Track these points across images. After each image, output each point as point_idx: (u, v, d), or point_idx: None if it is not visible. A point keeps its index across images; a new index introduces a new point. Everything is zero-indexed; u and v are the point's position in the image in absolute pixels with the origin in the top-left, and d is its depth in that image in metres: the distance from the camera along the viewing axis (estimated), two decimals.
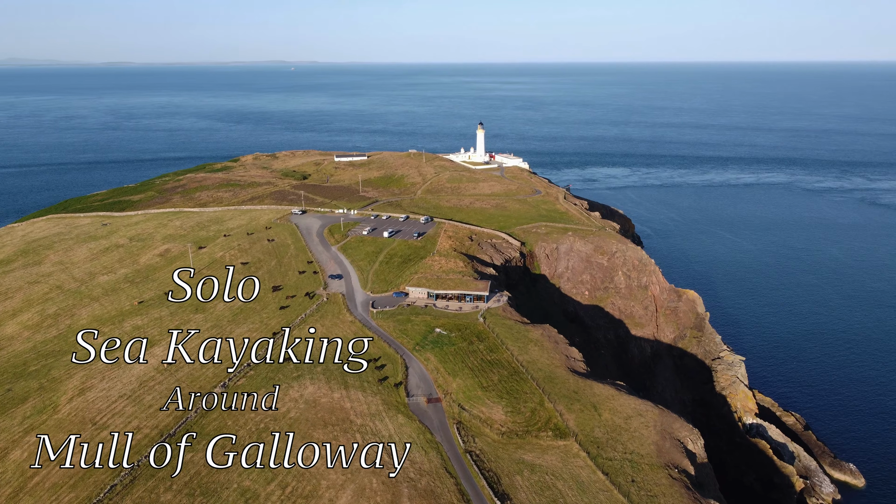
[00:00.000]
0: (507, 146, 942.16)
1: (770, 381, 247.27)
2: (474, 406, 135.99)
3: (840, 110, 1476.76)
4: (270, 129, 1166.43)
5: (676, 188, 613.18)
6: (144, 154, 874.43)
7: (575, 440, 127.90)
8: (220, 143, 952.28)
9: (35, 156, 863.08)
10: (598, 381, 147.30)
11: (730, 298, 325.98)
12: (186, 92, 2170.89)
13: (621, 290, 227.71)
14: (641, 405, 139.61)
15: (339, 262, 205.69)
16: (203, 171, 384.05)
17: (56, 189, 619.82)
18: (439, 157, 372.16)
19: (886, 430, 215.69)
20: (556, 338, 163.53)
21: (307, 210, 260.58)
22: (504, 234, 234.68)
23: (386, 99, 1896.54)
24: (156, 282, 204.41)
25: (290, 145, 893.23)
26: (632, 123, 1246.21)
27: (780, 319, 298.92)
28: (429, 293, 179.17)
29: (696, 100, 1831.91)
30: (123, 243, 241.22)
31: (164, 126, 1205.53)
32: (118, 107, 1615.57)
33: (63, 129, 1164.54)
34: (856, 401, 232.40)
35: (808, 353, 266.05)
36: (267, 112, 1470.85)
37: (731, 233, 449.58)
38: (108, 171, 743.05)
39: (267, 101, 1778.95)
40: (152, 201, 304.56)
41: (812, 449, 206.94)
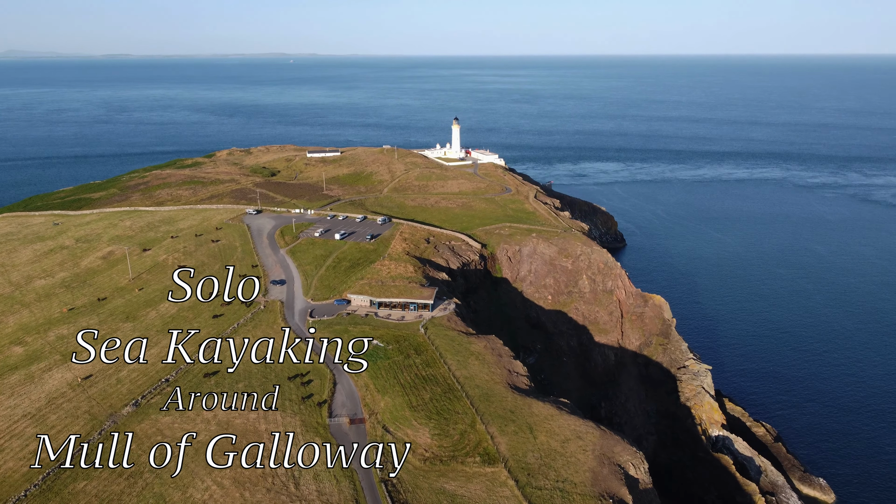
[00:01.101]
0: (501, 140, 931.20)
1: (743, 389, 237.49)
2: (399, 428, 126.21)
3: (840, 104, 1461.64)
4: (263, 122, 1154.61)
5: (666, 184, 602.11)
6: (133, 148, 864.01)
7: (504, 466, 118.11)
8: (210, 137, 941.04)
9: (22, 150, 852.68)
10: (540, 399, 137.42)
11: (709, 300, 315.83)
12: (182, 85, 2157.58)
13: (585, 295, 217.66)
14: (582, 426, 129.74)
15: (286, 266, 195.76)
16: (172, 167, 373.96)
17: (39, 184, 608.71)
18: (412, 154, 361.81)
19: (860, 442, 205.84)
20: (501, 350, 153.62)
21: (263, 210, 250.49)
22: (464, 236, 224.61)
23: (382, 92, 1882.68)
24: (92, 287, 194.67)
25: (280, 139, 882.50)
26: (628, 117, 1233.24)
27: (759, 324, 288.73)
28: (371, 301, 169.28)
29: (694, 93, 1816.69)
30: (69, 245, 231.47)
31: (156, 119, 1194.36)
32: (112, 100, 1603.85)
33: (54, 122, 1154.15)
34: (831, 411, 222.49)
35: (786, 360, 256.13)
36: (260, 105, 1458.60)
37: (716, 230, 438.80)
38: (95, 165, 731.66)
39: (262, 95, 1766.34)
40: (111, 199, 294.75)
41: (781, 462, 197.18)
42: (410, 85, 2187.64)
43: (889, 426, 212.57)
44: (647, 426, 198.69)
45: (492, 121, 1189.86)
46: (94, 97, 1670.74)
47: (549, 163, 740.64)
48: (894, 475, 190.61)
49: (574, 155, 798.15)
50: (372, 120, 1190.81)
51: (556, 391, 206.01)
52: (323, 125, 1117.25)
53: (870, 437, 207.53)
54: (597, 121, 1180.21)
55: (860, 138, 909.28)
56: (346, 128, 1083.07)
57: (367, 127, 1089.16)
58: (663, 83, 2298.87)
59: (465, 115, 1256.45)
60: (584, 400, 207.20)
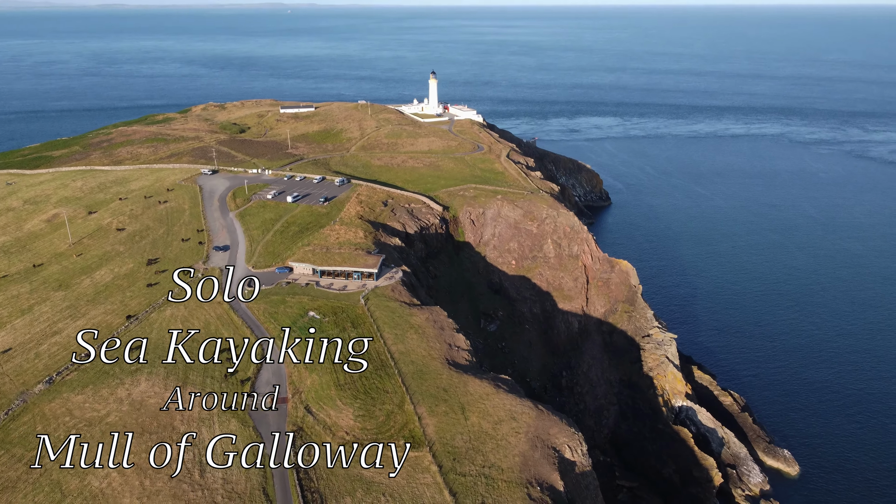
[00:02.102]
0: (498, 94, 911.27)
1: (714, 356, 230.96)
2: (322, 409, 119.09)
3: (848, 56, 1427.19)
4: (254, 75, 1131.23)
5: (660, 139, 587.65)
6: (121, 102, 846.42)
7: (430, 451, 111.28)
8: (199, 91, 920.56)
9: (6, 103, 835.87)
10: (477, 377, 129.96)
11: (690, 262, 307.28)
12: (175, 36, 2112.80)
13: (550, 260, 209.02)
14: (518, 406, 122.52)
15: (232, 230, 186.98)
16: (142, 122, 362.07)
17: (20, 139, 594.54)
18: (387, 109, 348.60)
19: (829, 413, 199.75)
20: (444, 322, 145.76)
21: (219, 170, 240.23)
22: (425, 198, 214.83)
23: (379, 43, 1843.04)
24: (31, 252, 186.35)
25: (270, 93, 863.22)
26: (628, 70, 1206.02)
27: (739, 287, 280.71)
28: (314, 269, 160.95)
29: (697, 45, 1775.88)
30: (16, 206, 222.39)
31: (146, 72, 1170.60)
32: (102, 51, 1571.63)
33: (42, 74, 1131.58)
34: (802, 380, 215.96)
35: (762, 326, 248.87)
36: (253, 58, 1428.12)
37: (704, 187, 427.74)
38: (79, 119, 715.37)
39: (256, 46, 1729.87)
40: (71, 158, 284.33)
41: (747, 433, 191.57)
42: (409, 36, 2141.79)
43: (858, 397, 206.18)
44: (609, 396, 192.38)
45: (488, 73, 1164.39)
46: (84, 49, 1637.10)
47: (544, 117, 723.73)
48: (860, 447, 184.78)
49: (570, 109, 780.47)
50: (366, 73, 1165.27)
51: (516, 360, 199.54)
52: (315, 78, 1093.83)
53: (838, 408, 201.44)
54: (596, 74, 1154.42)
55: (865, 92, 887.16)
56: (339, 81, 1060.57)
57: (360, 80, 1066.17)
58: (667, 35, 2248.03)
59: (462, 68, 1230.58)
60: (546, 369, 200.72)
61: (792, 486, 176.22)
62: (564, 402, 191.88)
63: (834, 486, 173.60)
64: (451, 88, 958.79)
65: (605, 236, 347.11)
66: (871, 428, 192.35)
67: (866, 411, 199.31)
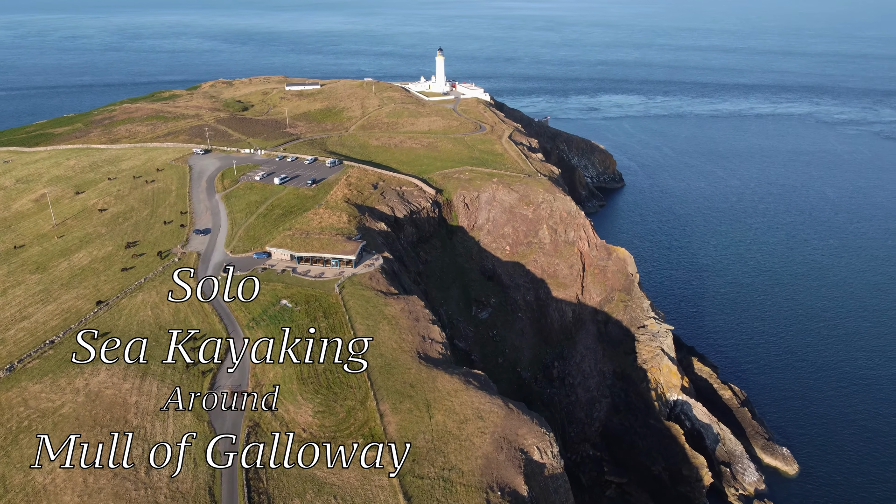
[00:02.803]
0: (520, 71, 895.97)
1: (718, 347, 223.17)
2: (282, 403, 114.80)
3: (884, 32, 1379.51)
4: (275, 50, 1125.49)
5: (680, 118, 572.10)
6: (141, 77, 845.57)
7: (389, 450, 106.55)
8: (219, 66, 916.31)
9: (30, 78, 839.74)
10: (448, 371, 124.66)
11: (700, 247, 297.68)
12: (199, 10, 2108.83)
13: (545, 246, 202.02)
14: (487, 404, 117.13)
15: (216, 213, 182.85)
16: (148, 99, 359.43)
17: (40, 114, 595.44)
18: (393, 87, 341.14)
19: (834, 411, 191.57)
20: (419, 313, 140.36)
21: (212, 149, 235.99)
22: (418, 181, 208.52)
23: (402, 18, 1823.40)
24: (14, 233, 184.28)
25: (289, 69, 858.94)
26: (655, 46, 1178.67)
27: (750, 274, 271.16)
28: (292, 255, 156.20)
29: (728, 20, 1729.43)
30: (7, 185, 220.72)
31: (168, 47, 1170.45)
32: (126, 26, 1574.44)
33: (66, 49, 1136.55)
34: (809, 376, 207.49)
35: (771, 317, 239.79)
36: (275, 33, 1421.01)
37: (721, 168, 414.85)
38: (99, 95, 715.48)
39: (278, 21, 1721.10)
40: (71, 135, 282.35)
41: (745, 429, 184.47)
42: (432, 11, 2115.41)
43: (866, 397, 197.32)
44: (602, 388, 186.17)
45: (511, 49, 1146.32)
46: (108, 24, 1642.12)
47: (565, 95, 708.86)
48: (862, 448, 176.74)
49: (592, 87, 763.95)
50: (387, 48, 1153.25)
51: (507, 348, 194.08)
52: (336, 54, 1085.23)
53: (845, 407, 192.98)
54: (621, 50, 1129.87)
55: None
56: (360, 57, 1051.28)
57: (381, 56, 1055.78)
58: (696, 9, 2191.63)
59: (485, 44, 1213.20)
60: (538, 359, 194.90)
61: (788, 485, 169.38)
62: (555, 393, 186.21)
63: (833, 487, 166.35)
64: (472, 65, 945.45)
65: (615, 219, 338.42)
66: (876, 429, 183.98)
67: (872, 411, 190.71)
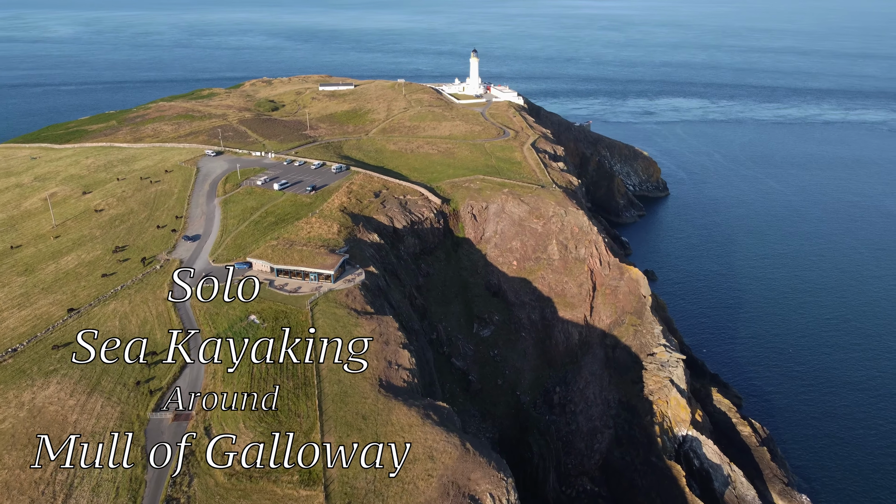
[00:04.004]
0: (579, 72, 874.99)
1: (746, 378, 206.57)
2: (223, 429, 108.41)
3: None
4: (336, 48, 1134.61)
5: (738, 124, 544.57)
6: (203, 74, 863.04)
7: (324, 490, 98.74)
8: (279, 63, 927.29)
9: (99, 73, 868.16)
10: (407, 403, 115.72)
11: (744, 264, 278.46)
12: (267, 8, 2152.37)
13: (554, 263, 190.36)
14: (442, 443, 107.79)
15: (210, 218, 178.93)
16: (184, 98, 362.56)
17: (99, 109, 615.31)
18: (424, 89, 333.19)
19: (865, 456, 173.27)
20: (391, 336, 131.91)
21: (225, 151, 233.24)
22: (423, 189, 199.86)
23: (465, 17, 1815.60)
24: (17, 233, 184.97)
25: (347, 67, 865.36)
26: (724, 48, 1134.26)
27: (794, 299, 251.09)
28: (271, 267, 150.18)
29: (805, 20, 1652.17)
30: (25, 183, 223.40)
31: (233, 44, 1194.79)
32: (196, 23, 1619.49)
33: (137, 45, 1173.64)
34: (842, 414, 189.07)
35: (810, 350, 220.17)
36: (338, 31, 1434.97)
37: (775, 178, 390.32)
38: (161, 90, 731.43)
39: (343, 19, 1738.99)
40: (101, 133, 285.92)
41: (762, 471, 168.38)
42: (495, 9, 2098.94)
43: None
44: (605, 418, 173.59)
45: (573, 49, 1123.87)
46: (180, 20, 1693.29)
47: (623, 97, 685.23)
48: None
49: (653, 90, 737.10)
50: (447, 47, 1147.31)
51: (507, 369, 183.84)
52: (395, 52, 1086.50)
53: (878, 451, 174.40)
54: (688, 51, 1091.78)
55: None
56: (419, 55, 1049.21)
57: (439, 55, 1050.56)
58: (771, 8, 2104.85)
59: (546, 44, 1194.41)
60: (539, 382, 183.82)
61: None
62: (554, 420, 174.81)
63: None
64: (530, 65, 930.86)
65: (652, 230, 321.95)
66: None
67: None
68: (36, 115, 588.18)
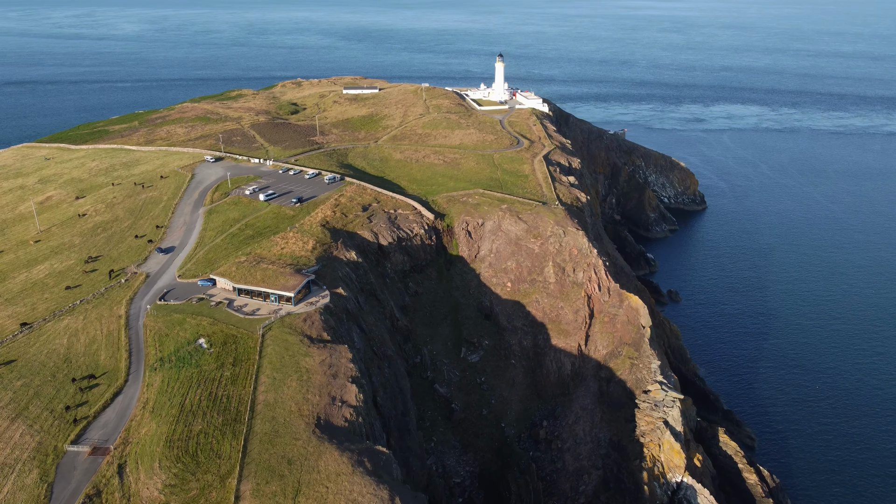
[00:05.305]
0: (634, 76, 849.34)
1: (764, 417, 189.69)
2: (136, 469, 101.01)
3: None
4: (388, 49, 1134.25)
5: (793, 133, 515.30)
6: (255, 73, 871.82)
7: None
8: (331, 63, 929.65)
9: (156, 71, 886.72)
10: (340, 447, 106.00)
11: (779, 287, 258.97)
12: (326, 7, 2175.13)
13: (550, 286, 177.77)
14: (368, 496, 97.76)
15: (190, 229, 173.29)
16: (210, 99, 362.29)
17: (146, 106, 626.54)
18: (446, 94, 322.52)
19: None
20: (340, 368, 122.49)
21: (225, 157, 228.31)
22: (417, 203, 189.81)
23: (522, 17, 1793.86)
24: (3, 237, 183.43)
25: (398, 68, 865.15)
26: (790, 52, 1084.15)
27: (830, 331, 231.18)
28: (234, 286, 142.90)
29: (882, 22, 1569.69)
30: (30, 185, 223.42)
31: (289, 43, 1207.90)
32: (256, 21, 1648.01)
33: (197, 44, 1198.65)
34: (864, 462, 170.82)
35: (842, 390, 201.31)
36: (392, 30, 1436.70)
37: (824, 193, 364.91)
38: (211, 88, 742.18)
39: (399, 19, 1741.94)
40: (119, 134, 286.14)
41: None
42: (554, 9, 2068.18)
43: None
44: (594, 458, 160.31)
45: (629, 52, 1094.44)
46: (241, 19, 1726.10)
47: (677, 103, 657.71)
48: None
49: (710, 95, 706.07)
50: (500, 49, 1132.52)
51: (494, 399, 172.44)
52: (448, 53, 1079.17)
53: None
54: (751, 55, 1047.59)
55: None
56: (471, 56, 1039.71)
57: (491, 56, 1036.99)
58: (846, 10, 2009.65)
59: (602, 45, 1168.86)
60: (527, 414, 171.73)
61: None
62: (539, 457, 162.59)
63: None
64: (583, 68, 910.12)
65: (683, 246, 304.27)
66: None
67: None
68: (89, 110, 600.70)
